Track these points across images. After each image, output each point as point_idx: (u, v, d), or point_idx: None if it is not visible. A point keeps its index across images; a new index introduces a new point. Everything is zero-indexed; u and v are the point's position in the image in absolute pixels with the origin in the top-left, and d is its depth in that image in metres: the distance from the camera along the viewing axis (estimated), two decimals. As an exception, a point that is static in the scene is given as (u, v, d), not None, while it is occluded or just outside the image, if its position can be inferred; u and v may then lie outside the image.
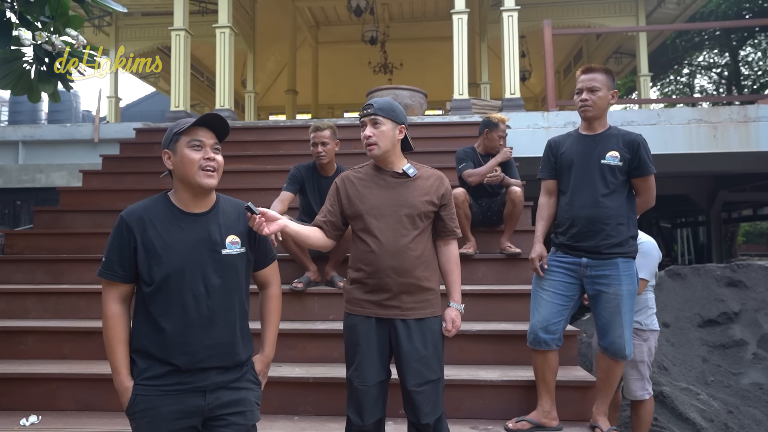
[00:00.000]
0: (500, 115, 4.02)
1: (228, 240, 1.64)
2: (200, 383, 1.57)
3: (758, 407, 4.03)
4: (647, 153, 2.53)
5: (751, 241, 25.48)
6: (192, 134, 1.60)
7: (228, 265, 1.63)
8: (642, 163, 2.52)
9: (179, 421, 1.54)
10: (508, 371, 2.92)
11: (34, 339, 3.27)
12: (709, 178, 9.86)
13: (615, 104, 2.80)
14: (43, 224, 4.75)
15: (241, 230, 1.69)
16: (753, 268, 5.22)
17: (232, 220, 1.69)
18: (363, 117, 2.09)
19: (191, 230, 1.60)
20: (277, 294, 1.84)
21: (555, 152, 2.72)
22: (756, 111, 5.81)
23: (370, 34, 10.29)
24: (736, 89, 16.10)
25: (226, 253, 1.63)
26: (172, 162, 1.62)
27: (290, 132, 6.06)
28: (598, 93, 2.55)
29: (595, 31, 9.82)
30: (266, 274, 1.81)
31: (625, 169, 2.53)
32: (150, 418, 1.53)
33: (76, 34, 2.79)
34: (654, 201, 2.62)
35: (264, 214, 1.75)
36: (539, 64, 8.95)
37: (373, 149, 2.06)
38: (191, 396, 1.56)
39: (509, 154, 3.84)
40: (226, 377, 1.61)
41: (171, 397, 1.54)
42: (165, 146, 1.65)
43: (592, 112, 2.58)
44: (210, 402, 1.57)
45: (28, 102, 4.60)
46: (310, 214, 3.67)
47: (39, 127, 6.86)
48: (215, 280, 1.60)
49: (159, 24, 9.45)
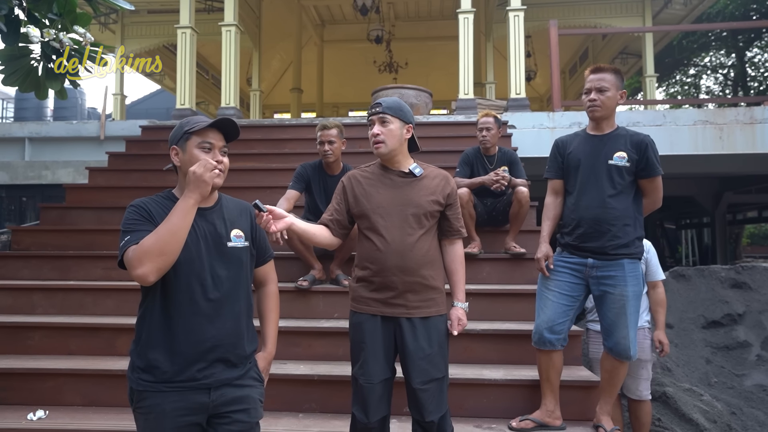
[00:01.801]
0: (485, 110, 4.01)
1: (233, 233, 1.68)
2: (205, 380, 1.57)
3: (761, 409, 4.02)
4: (655, 154, 2.53)
5: (755, 243, 25.35)
6: (203, 135, 1.62)
7: (234, 257, 1.67)
8: (650, 164, 2.51)
9: (183, 417, 1.55)
10: (513, 371, 2.93)
11: (40, 335, 3.29)
12: (714, 180, 9.82)
13: (622, 104, 2.80)
14: (50, 221, 4.78)
15: (244, 226, 1.73)
16: (757, 269, 5.20)
17: (235, 216, 1.73)
18: (371, 115, 2.10)
19: (197, 223, 1.61)
20: (275, 291, 1.87)
21: (562, 152, 2.71)
22: (762, 112, 5.79)
23: (376, 33, 10.29)
24: (742, 90, 16.02)
25: (232, 245, 1.67)
26: (180, 159, 1.64)
27: (295, 130, 6.07)
28: (606, 93, 2.54)
29: (601, 31, 9.79)
30: (264, 271, 1.85)
31: (632, 170, 2.53)
32: (155, 414, 1.54)
33: (83, 31, 2.81)
34: (660, 202, 2.62)
35: (271, 212, 1.77)
36: (545, 64, 8.92)
37: (380, 147, 2.07)
38: (196, 393, 1.57)
39: (494, 178, 3.70)
40: (231, 374, 1.62)
41: (176, 394, 1.55)
42: (174, 143, 1.66)
43: (600, 113, 2.57)
44: (214, 399, 1.58)
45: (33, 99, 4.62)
46: (315, 213, 3.68)
47: (45, 124, 6.89)
48: (222, 271, 1.63)
49: (165, 22, 9.47)
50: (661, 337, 3.06)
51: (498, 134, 4.00)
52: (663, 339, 3.05)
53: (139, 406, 1.57)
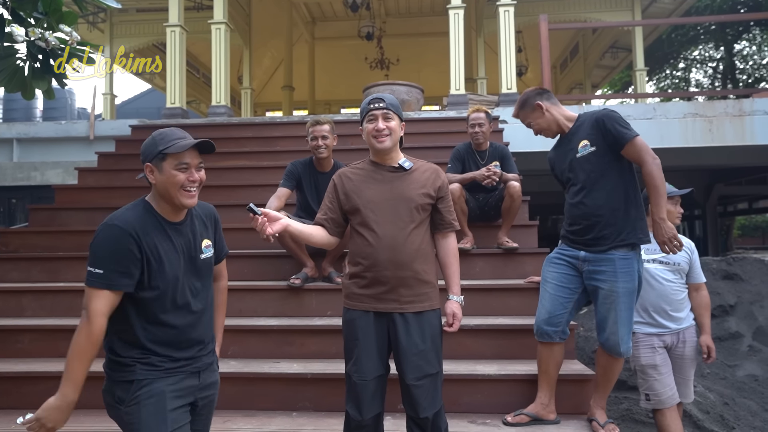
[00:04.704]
0: (476, 106, 4.01)
1: (203, 245, 1.75)
2: (195, 364, 1.70)
3: (753, 399, 4.05)
4: (617, 122, 2.42)
5: (746, 235, 25.59)
6: (180, 157, 1.61)
7: (205, 268, 1.75)
8: (616, 133, 2.41)
9: (180, 399, 1.64)
10: (506, 365, 2.93)
11: (30, 337, 3.26)
12: (704, 172, 9.89)
13: (612, 98, 2.83)
14: (39, 222, 4.73)
15: (209, 233, 1.80)
16: (748, 261, 5.25)
17: (203, 225, 1.78)
18: (374, 110, 2.09)
19: (176, 240, 1.67)
20: (226, 286, 1.97)
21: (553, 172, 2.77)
22: (751, 105, 5.83)
23: (367, 29, 10.26)
24: (731, 83, 16.13)
25: (204, 257, 1.74)
26: (156, 178, 1.63)
27: (287, 128, 6.04)
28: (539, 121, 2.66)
29: (592, 25, 9.82)
30: (219, 268, 1.91)
31: (603, 152, 2.46)
32: (156, 397, 1.59)
33: (69, 30, 2.77)
34: (655, 164, 2.36)
35: (266, 214, 1.76)
36: (536, 59, 8.93)
37: (385, 141, 2.08)
38: (189, 377, 1.68)
39: (485, 174, 3.70)
40: (208, 359, 1.76)
41: (173, 377, 1.64)
42: (148, 160, 1.63)
43: (546, 133, 2.70)
44: (201, 382, 1.71)
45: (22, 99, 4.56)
46: (307, 210, 3.66)
47: (34, 125, 6.82)
48: (197, 283, 1.72)
49: (154, 20, 9.40)
50: (708, 342, 2.82)
51: (489, 130, 4.00)
52: (710, 344, 2.82)
53: (135, 395, 1.58)
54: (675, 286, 2.76)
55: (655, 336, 2.74)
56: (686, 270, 2.80)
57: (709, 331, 2.85)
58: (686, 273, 2.81)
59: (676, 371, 2.78)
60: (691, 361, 2.83)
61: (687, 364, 2.80)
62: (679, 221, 2.78)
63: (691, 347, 2.80)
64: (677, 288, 2.77)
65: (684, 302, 2.80)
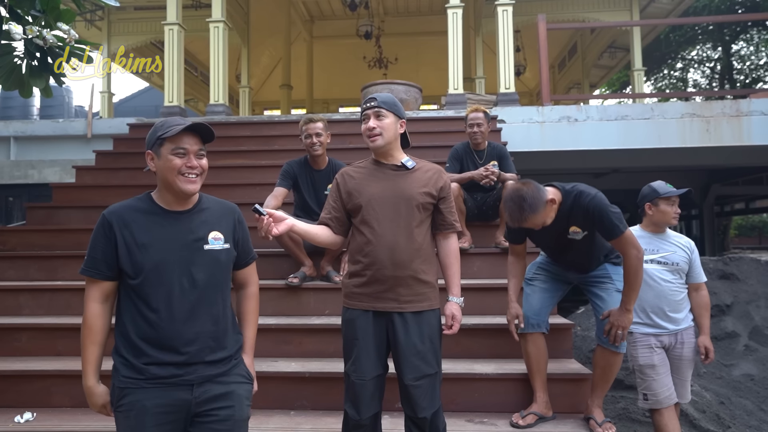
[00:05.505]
0: (474, 106, 4.01)
1: (211, 236, 1.66)
2: (187, 376, 1.57)
3: (749, 398, 4.07)
4: (610, 217, 2.37)
5: (743, 235, 25.65)
6: (177, 141, 1.60)
7: (212, 260, 1.65)
8: (610, 226, 2.38)
9: (164, 415, 1.55)
10: (504, 365, 2.94)
11: (28, 336, 3.25)
12: (701, 172, 9.92)
13: (610, 98, 2.85)
14: (36, 220, 4.72)
15: (225, 228, 1.71)
16: (745, 261, 5.27)
17: (216, 217, 1.71)
18: (366, 110, 2.10)
19: (172, 227, 1.63)
20: (255, 293, 1.85)
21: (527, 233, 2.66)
22: (748, 105, 5.85)
23: (365, 28, 10.25)
24: (728, 83, 16.17)
25: (209, 248, 1.65)
26: (156, 164, 1.64)
27: (285, 127, 6.04)
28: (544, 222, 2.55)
29: (590, 25, 9.82)
30: (246, 273, 1.82)
31: (592, 233, 2.50)
32: (136, 412, 1.53)
33: (67, 28, 2.76)
34: (639, 260, 2.38)
35: (271, 215, 1.76)
36: (534, 59, 8.95)
37: (376, 140, 2.07)
38: (178, 390, 1.56)
39: (483, 173, 3.72)
40: (214, 370, 1.62)
41: (157, 390, 1.55)
42: (149, 147, 1.64)
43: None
44: (198, 396, 1.58)
45: (19, 97, 4.55)
46: (305, 209, 3.66)
47: (31, 123, 6.81)
48: (199, 275, 1.62)
49: (152, 18, 9.37)
50: (707, 343, 2.80)
51: (488, 129, 4.00)
52: (708, 344, 2.80)
53: (120, 404, 1.56)
54: (674, 287, 2.76)
55: (653, 336, 2.75)
56: (685, 270, 2.80)
57: (708, 332, 2.84)
58: (686, 273, 2.81)
59: (674, 372, 2.78)
60: (689, 362, 2.82)
61: (685, 365, 2.80)
62: (676, 221, 2.78)
63: (690, 348, 2.79)
64: (676, 288, 2.76)
65: (683, 303, 2.79)
